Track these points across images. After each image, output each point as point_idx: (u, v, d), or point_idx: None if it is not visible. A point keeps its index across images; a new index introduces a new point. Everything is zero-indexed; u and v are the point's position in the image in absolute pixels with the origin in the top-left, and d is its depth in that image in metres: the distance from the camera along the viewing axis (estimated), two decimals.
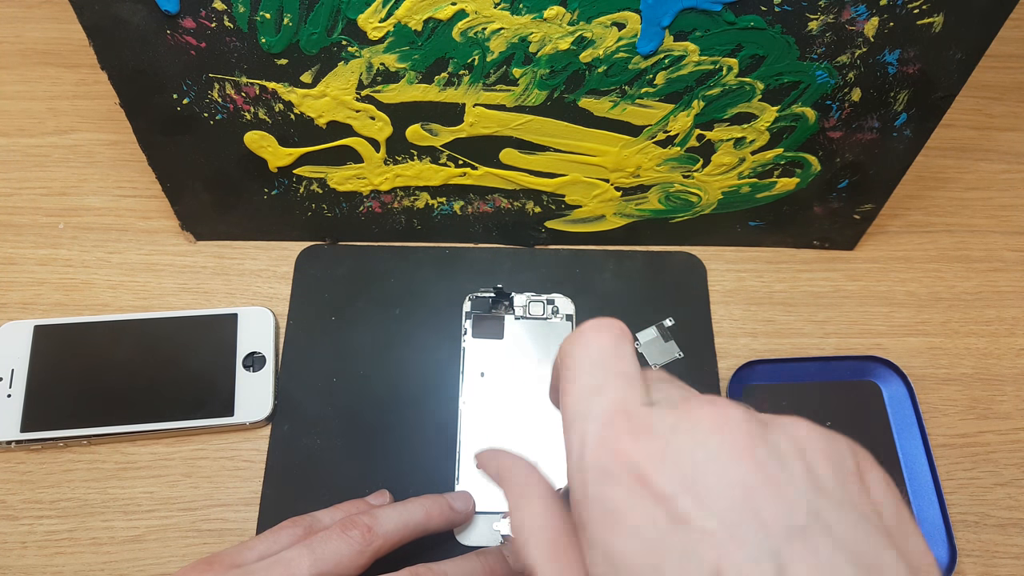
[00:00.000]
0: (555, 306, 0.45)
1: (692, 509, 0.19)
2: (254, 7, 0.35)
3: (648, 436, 0.20)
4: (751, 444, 0.20)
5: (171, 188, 0.45)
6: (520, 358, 0.44)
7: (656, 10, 0.35)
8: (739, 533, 0.18)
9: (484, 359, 0.44)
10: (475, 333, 0.44)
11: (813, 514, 0.19)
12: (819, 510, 0.19)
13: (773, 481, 0.19)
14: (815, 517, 0.19)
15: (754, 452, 0.20)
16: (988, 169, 0.53)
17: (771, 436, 0.21)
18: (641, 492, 0.19)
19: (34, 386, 0.42)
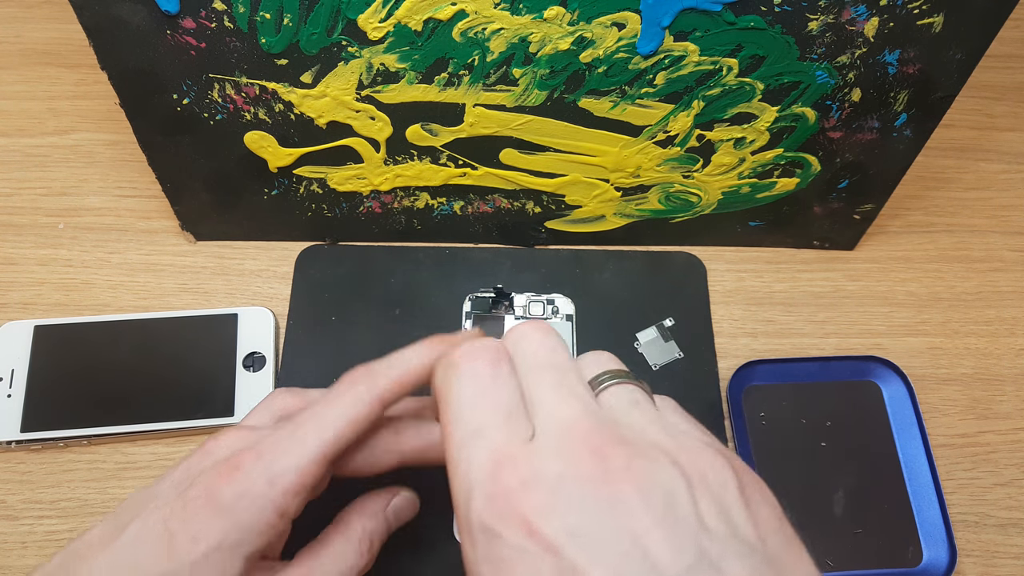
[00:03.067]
0: (555, 306, 0.45)
1: (581, 561, 0.19)
2: (254, 7, 0.35)
3: (536, 487, 0.20)
4: (638, 490, 0.20)
5: (171, 188, 0.45)
6: None
7: (656, 10, 0.35)
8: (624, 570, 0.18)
9: None
10: None
11: (700, 552, 0.19)
12: (706, 548, 0.19)
13: (661, 524, 0.19)
14: (702, 555, 0.19)
15: (640, 498, 0.19)
16: (988, 169, 0.53)
17: (657, 476, 0.20)
18: (529, 543, 0.19)
19: (34, 386, 0.42)
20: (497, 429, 0.22)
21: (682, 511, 0.20)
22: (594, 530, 0.19)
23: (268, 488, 0.27)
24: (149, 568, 0.26)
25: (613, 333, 0.45)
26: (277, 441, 0.28)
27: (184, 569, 0.26)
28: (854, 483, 0.41)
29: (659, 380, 0.44)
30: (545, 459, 0.21)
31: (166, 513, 0.27)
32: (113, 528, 0.28)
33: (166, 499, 0.28)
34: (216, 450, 0.29)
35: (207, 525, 0.26)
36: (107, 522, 0.28)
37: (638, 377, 0.26)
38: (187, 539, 0.26)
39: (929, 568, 0.39)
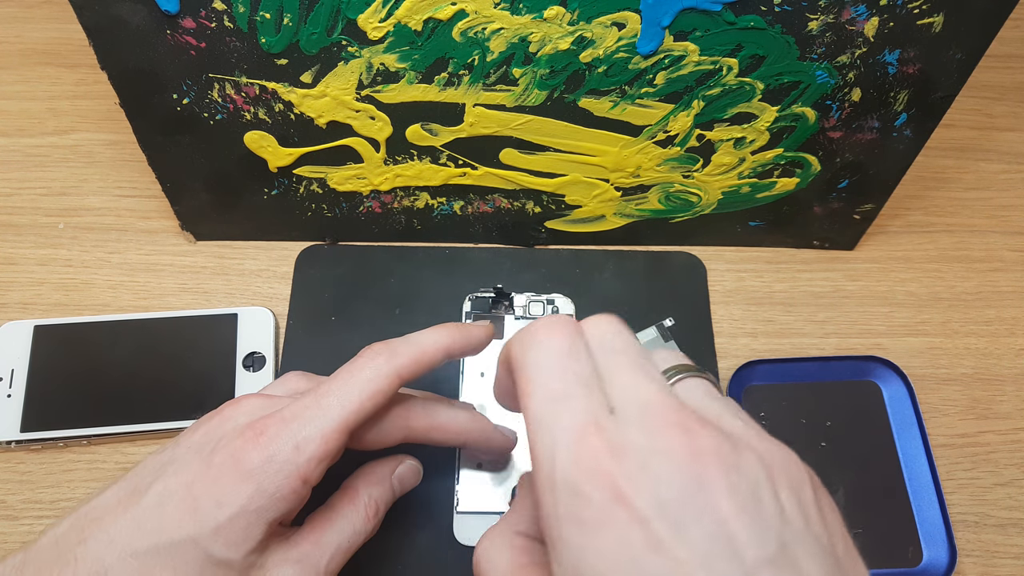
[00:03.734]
0: (555, 306, 0.45)
1: (668, 535, 0.19)
2: (254, 7, 0.35)
3: (624, 455, 0.20)
4: (725, 474, 0.20)
5: (171, 188, 0.45)
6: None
7: (656, 10, 0.35)
8: (713, 564, 0.18)
9: (484, 359, 0.44)
10: None
11: (782, 545, 0.19)
12: (787, 541, 0.19)
13: (745, 511, 0.19)
14: (783, 548, 0.19)
15: (727, 482, 0.20)
16: (988, 169, 0.53)
17: (741, 462, 0.20)
18: (618, 511, 0.19)
19: (34, 386, 0.42)
20: (579, 397, 0.22)
21: (766, 502, 0.20)
22: (681, 507, 0.19)
23: (294, 454, 0.27)
24: (172, 531, 0.26)
25: None
26: (302, 408, 0.28)
27: (207, 533, 0.26)
28: (854, 483, 0.41)
29: None
30: (631, 430, 0.21)
31: (188, 477, 0.27)
32: (129, 491, 0.28)
33: (187, 463, 0.28)
34: (237, 416, 0.29)
35: (232, 489, 0.27)
36: (120, 486, 0.28)
37: (708, 373, 0.26)
38: (211, 503, 0.26)
39: (929, 568, 0.39)
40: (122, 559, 0.26)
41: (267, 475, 0.27)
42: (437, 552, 0.39)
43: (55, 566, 0.26)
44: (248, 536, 0.27)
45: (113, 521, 0.27)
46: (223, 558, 0.27)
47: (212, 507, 0.26)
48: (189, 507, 0.27)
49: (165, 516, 0.27)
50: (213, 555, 0.26)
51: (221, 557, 0.27)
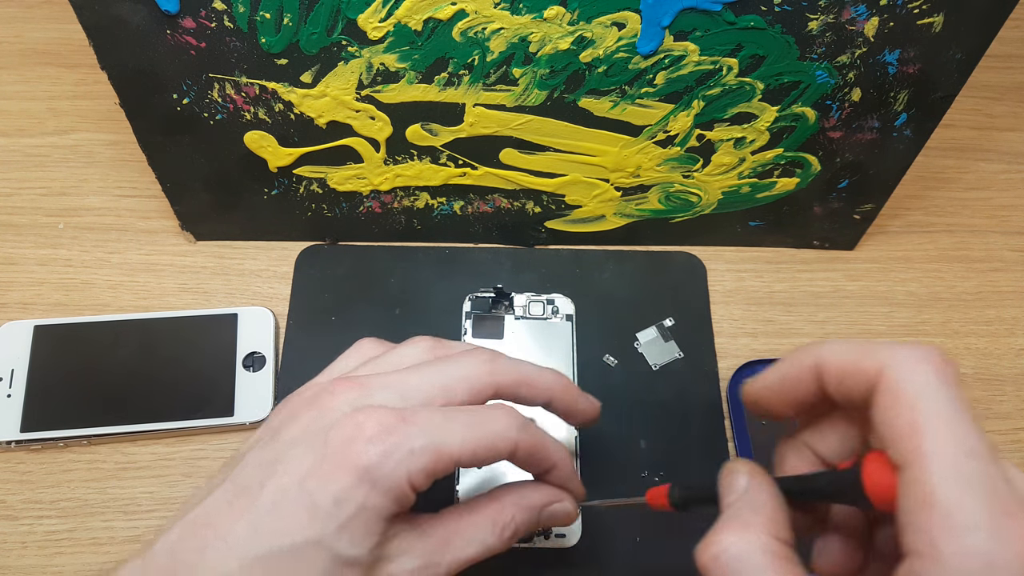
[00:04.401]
0: (555, 306, 0.45)
1: None
2: (254, 7, 0.35)
3: None
4: None
5: (171, 188, 0.45)
6: (520, 358, 0.44)
7: (656, 10, 0.35)
8: None
9: None
10: (475, 333, 0.44)
11: None
12: None
13: None
14: None
15: None
16: (988, 169, 0.53)
17: None
18: None
19: (34, 386, 0.42)
20: (991, 459, 0.20)
21: None
22: None
23: (408, 457, 0.26)
24: (293, 534, 0.25)
25: (613, 333, 0.45)
26: (427, 416, 0.27)
27: (331, 533, 0.26)
28: None
29: (659, 380, 0.44)
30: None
31: (301, 473, 0.26)
32: (238, 492, 0.27)
33: (296, 457, 0.27)
34: (338, 404, 0.28)
35: (349, 487, 0.26)
36: (226, 487, 0.27)
37: None
38: (330, 502, 0.26)
39: None
40: (244, 566, 0.25)
41: (382, 473, 0.26)
42: None
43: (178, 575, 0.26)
44: (370, 531, 0.26)
45: (229, 526, 0.26)
46: (349, 556, 0.26)
47: (331, 506, 0.26)
48: (307, 506, 0.26)
49: (283, 518, 0.26)
50: (340, 554, 0.26)
51: (347, 555, 0.26)
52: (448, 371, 0.29)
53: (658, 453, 0.42)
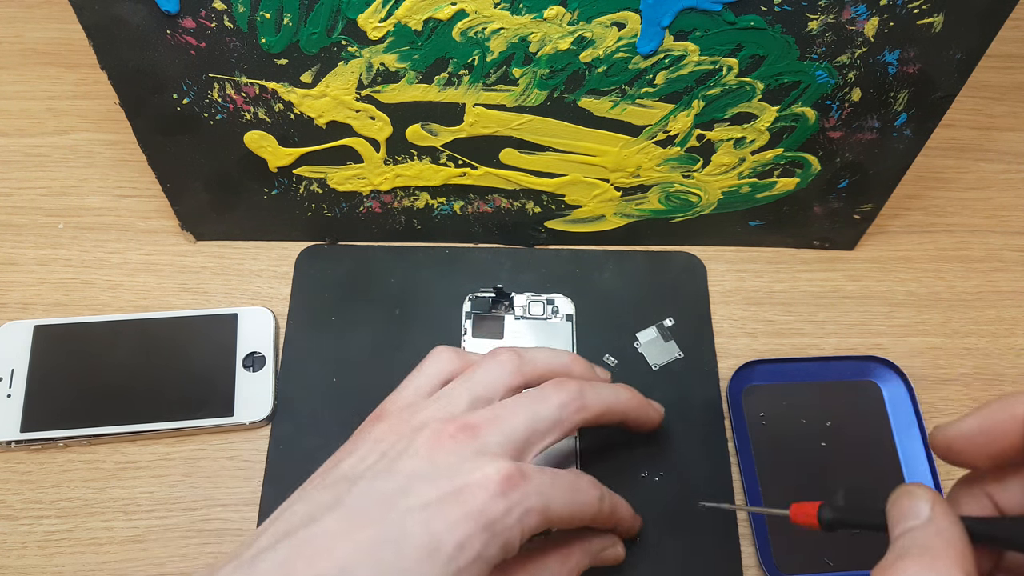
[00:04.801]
0: (555, 306, 0.45)
1: None
2: (254, 7, 0.35)
3: None
4: None
5: (171, 188, 0.45)
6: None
7: (656, 10, 0.35)
8: None
9: None
10: (475, 333, 0.44)
11: None
12: None
13: None
14: None
15: None
16: (988, 169, 0.53)
17: None
18: None
19: (34, 386, 0.42)
20: None
21: None
22: None
23: (522, 517, 0.29)
24: (412, 571, 0.27)
25: (613, 333, 0.45)
26: (540, 477, 0.29)
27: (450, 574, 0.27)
28: (854, 483, 0.41)
29: (659, 380, 0.44)
30: None
31: (427, 515, 0.27)
32: (353, 521, 0.27)
33: (423, 499, 0.28)
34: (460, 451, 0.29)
35: (473, 536, 0.27)
36: (339, 514, 0.28)
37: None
38: (453, 547, 0.27)
39: None
40: None
41: (503, 527, 0.28)
42: None
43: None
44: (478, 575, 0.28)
45: (345, 554, 0.26)
46: None
47: (453, 550, 0.27)
48: (430, 548, 0.27)
49: (404, 557, 0.27)
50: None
51: None
52: (542, 413, 0.32)
53: (658, 453, 0.42)
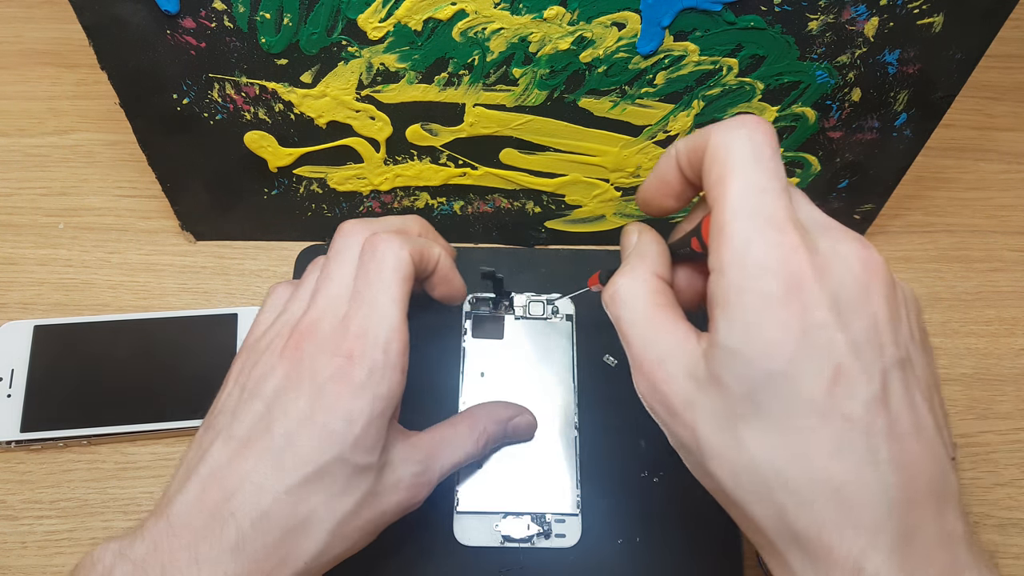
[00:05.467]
0: (555, 306, 0.45)
1: (833, 321, 0.23)
2: (254, 7, 0.35)
3: (814, 253, 0.24)
4: (888, 290, 0.24)
5: (171, 188, 0.45)
6: (520, 358, 0.44)
7: (656, 10, 0.35)
8: (862, 350, 0.23)
9: (484, 359, 0.44)
10: (475, 333, 0.44)
11: (907, 353, 0.25)
12: (911, 352, 0.25)
13: (892, 320, 0.24)
14: (908, 356, 0.25)
15: (886, 295, 0.24)
16: (988, 169, 0.53)
17: (897, 283, 0.26)
18: (798, 294, 0.23)
19: (34, 386, 0.42)
20: (781, 194, 0.25)
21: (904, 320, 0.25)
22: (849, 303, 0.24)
23: (385, 356, 0.30)
24: (316, 459, 0.29)
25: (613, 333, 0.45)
26: (365, 318, 0.31)
27: (349, 447, 0.29)
28: None
29: None
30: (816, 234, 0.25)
31: (302, 411, 0.30)
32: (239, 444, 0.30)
33: (290, 401, 0.30)
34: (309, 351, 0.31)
35: (355, 404, 0.30)
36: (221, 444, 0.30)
37: None
38: (342, 422, 0.29)
39: None
40: (277, 498, 0.28)
41: (376, 382, 0.30)
42: (437, 552, 0.39)
43: (213, 524, 0.28)
44: (379, 438, 0.30)
45: (252, 470, 0.29)
46: (364, 463, 0.30)
47: (344, 425, 0.29)
48: (321, 433, 0.29)
49: (302, 449, 0.29)
50: (357, 464, 0.30)
51: (363, 463, 0.30)
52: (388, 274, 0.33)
53: (658, 453, 0.42)
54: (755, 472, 0.24)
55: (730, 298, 0.24)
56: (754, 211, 0.24)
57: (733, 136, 0.26)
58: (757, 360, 0.24)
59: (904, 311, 0.25)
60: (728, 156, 0.25)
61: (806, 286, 0.23)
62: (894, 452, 0.23)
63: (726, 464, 0.25)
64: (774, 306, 0.23)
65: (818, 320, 0.23)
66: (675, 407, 0.26)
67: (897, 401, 0.24)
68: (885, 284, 0.24)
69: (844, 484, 0.23)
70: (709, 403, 0.25)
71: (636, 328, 0.28)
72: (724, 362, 0.24)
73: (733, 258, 0.24)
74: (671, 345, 0.27)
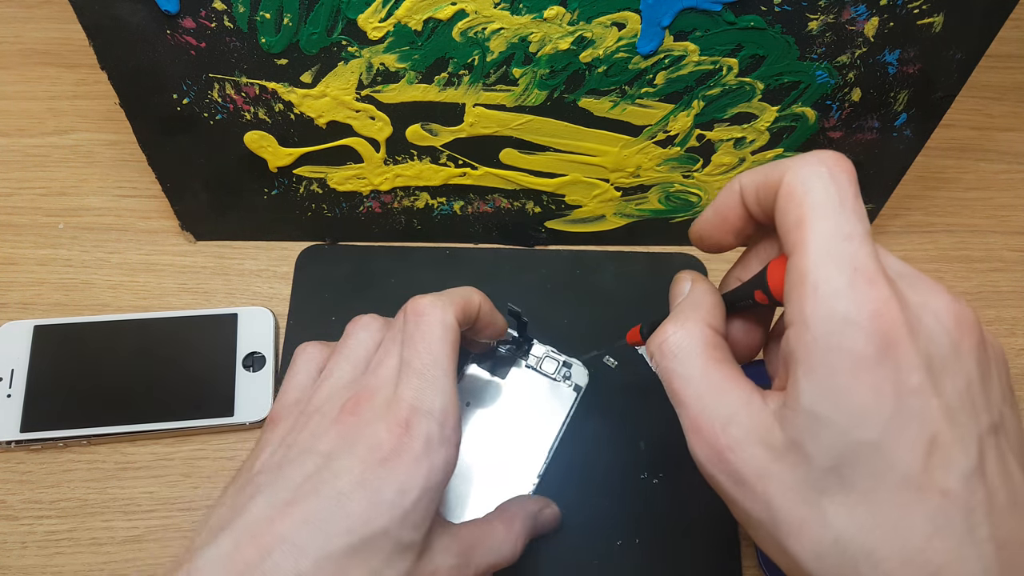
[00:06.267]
0: (569, 371, 0.43)
1: (928, 384, 0.21)
2: (254, 7, 0.35)
3: (907, 307, 0.22)
4: (981, 346, 0.23)
5: (171, 188, 0.45)
6: (510, 405, 0.42)
7: (656, 10, 0.35)
8: (957, 416, 0.22)
9: (477, 391, 0.42)
10: (481, 363, 0.43)
11: (1001, 416, 0.23)
12: (1004, 414, 0.23)
13: (985, 381, 0.23)
14: (1002, 418, 0.23)
15: (980, 353, 0.23)
16: (988, 169, 0.53)
17: (987, 339, 0.24)
18: (892, 354, 0.21)
19: (34, 386, 0.42)
20: (867, 242, 0.23)
21: (995, 379, 0.24)
22: (942, 363, 0.22)
23: (441, 429, 0.29)
24: (361, 528, 0.27)
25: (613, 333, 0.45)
26: (419, 391, 0.29)
27: (397, 521, 0.27)
28: None
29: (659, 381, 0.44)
30: (904, 286, 0.23)
31: (356, 477, 0.27)
32: (289, 501, 0.27)
33: (346, 465, 0.28)
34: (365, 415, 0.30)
35: (410, 474, 0.28)
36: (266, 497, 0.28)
37: None
38: (394, 492, 0.27)
39: None
40: (317, 565, 0.26)
41: (432, 454, 0.28)
42: None
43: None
44: (427, 516, 0.28)
45: (293, 531, 0.26)
46: (409, 541, 0.28)
47: (396, 495, 0.27)
48: (372, 502, 0.27)
49: (350, 516, 0.27)
50: (401, 541, 0.27)
51: (407, 541, 0.27)
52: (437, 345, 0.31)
53: (658, 454, 0.42)
54: (842, 552, 0.22)
55: (815, 357, 0.22)
56: (841, 259, 0.22)
57: (813, 174, 0.24)
58: (846, 428, 0.21)
59: (995, 370, 0.23)
60: (807, 196, 0.23)
61: (900, 346, 0.21)
62: (994, 529, 0.21)
63: (807, 542, 0.23)
64: (866, 367, 0.21)
65: (913, 385, 0.21)
66: (745, 477, 0.24)
67: (993, 471, 0.22)
68: (977, 342, 0.23)
69: (943, 567, 0.21)
70: (788, 474, 0.23)
71: (692, 385, 0.26)
72: (807, 428, 0.22)
73: (819, 311, 0.22)
74: (736, 406, 0.24)
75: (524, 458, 0.41)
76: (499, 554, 0.32)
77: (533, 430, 0.41)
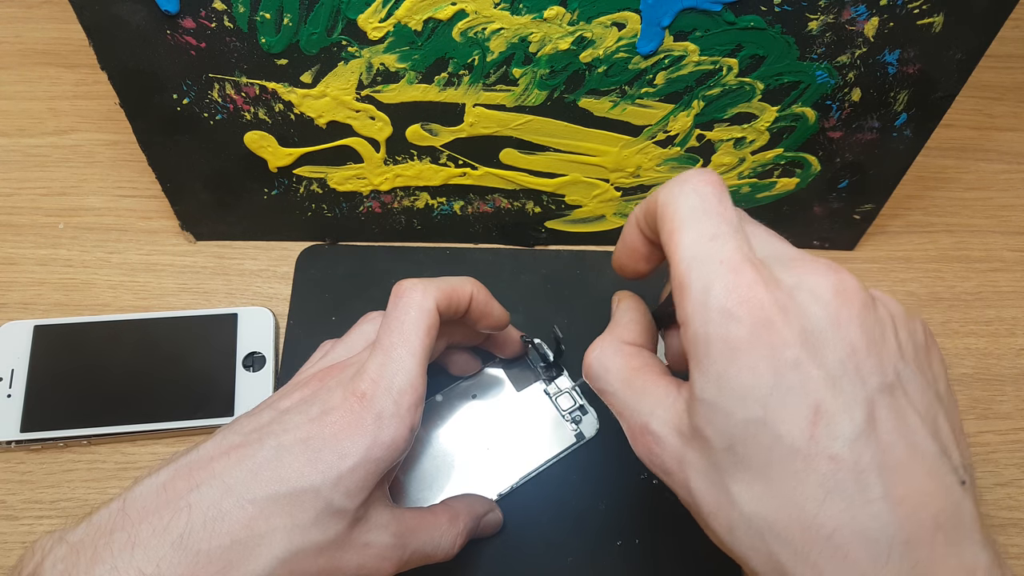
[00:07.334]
0: (580, 414, 0.42)
1: (805, 357, 0.22)
2: (254, 7, 0.35)
3: (776, 288, 0.23)
4: (867, 310, 0.23)
5: (171, 188, 0.45)
6: (511, 417, 0.42)
7: (656, 10, 0.35)
8: (841, 383, 0.22)
9: (485, 391, 0.42)
10: (504, 366, 0.43)
11: (897, 375, 0.23)
12: (901, 373, 0.23)
13: (873, 345, 0.23)
14: (898, 378, 0.23)
15: (865, 318, 0.23)
16: (988, 169, 0.53)
17: (875, 304, 0.24)
18: (766, 334, 0.22)
19: (34, 386, 0.42)
20: (732, 238, 0.24)
21: (889, 340, 0.24)
22: (821, 335, 0.23)
23: (396, 407, 0.30)
24: (292, 481, 0.28)
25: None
26: (381, 367, 0.30)
27: (330, 482, 0.28)
28: None
29: None
30: (777, 269, 0.24)
31: (302, 434, 0.29)
32: (234, 445, 0.29)
33: (296, 423, 0.29)
34: (330, 385, 0.31)
35: (352, 442, 0.29)
36: (218, 441, 0.29)
37: None
38: (334, 455, 0.28)
39: None
40: (239, 505, 0.27)
41: (380, 428, 0.29)
42: None
43: (165, 511, 0.27)
44: (364, 486, 0.29)
45: (226, 470, 0.28)
46: (340, 507, 0.28)
47: (335, 458, 0.28)
48: (310, 459, 0.28)
49: (284, 467, 0.28)
50: (332, 503, 0.28)
51: (339, 506, 0.28)
52: (408, 327, 0.32)
53: None
54: (748, 526, 0.23)
55: (699, 349, 0.23)
56: (707, 258, 0.24)
57: (677, 192, 0.25)
58: (733, 410, 0.23)
59: (890, 330, 0.24)
60: (676, 212, 0.25)
61: (772, 324, 0.22)
62: (889, 487, 0.22)
63: (721, 520, 0.24)
64: (741, 351, 0.23)
65: (789, 358, 0.22)
66: (668, 467, 0.26)
67: (888, 430, 0.22)
68: (859, 306, 0.23)
69: (836, 530, 0.22)
70: (698, 459, 0.24)
71: (618, 396, 0.28)
72: (703, 415, 0.24)
73: (695, 308, 0.24)
74: (652, 404, 0.26)
75: (497, 471, 0.40)
76: (437, 546, 0.33)
77: (518, 451, 0.40)
